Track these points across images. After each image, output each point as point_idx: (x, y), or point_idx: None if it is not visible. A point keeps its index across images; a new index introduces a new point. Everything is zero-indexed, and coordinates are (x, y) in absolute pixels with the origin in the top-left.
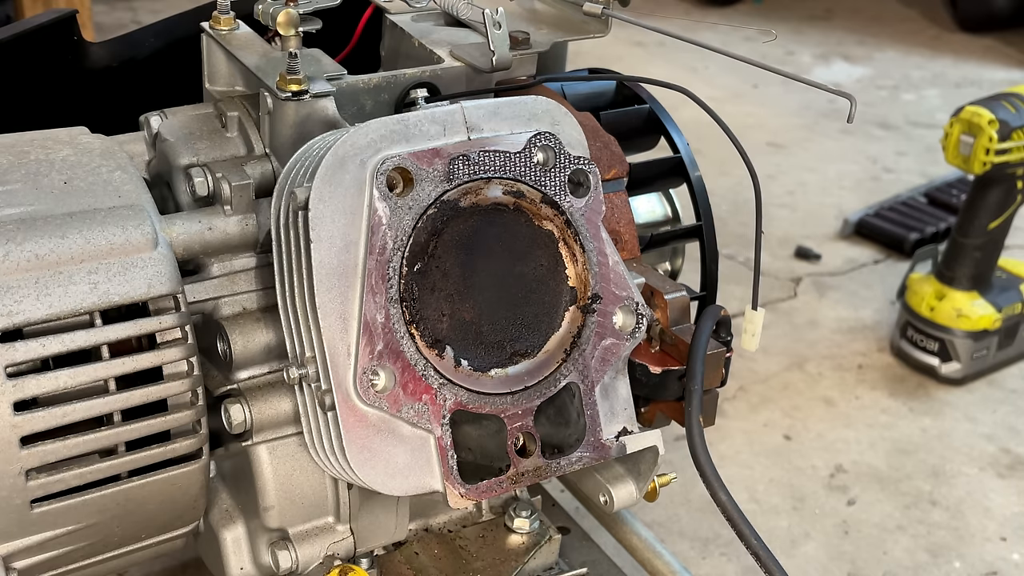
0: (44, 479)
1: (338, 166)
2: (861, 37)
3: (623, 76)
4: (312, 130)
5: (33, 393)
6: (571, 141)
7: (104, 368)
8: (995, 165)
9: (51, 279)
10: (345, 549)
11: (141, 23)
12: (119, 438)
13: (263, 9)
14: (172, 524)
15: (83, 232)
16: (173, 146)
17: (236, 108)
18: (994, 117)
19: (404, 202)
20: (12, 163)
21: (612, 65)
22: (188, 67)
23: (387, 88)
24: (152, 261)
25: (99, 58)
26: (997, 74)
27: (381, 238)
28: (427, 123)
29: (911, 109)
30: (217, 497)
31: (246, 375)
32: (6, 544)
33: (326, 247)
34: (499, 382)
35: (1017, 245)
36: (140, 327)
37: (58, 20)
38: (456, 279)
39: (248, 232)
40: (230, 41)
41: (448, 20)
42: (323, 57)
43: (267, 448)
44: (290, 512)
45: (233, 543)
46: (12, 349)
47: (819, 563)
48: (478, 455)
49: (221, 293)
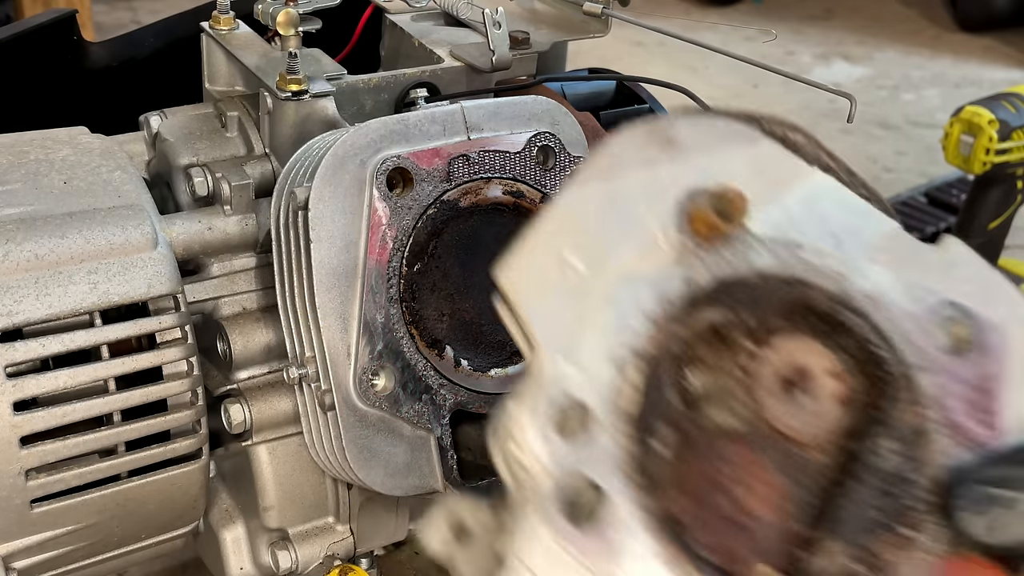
0: (44, 479)
1: (338, 166)
2: (861, 37)
3: (623, 76)
4: (312, 130)
5: (33, 393)
6: (571, 141)
7: (104, 368)
8: (995, 165)
9: (51, 279)
10: (345, 549)
11: (141, 23)
12: (119, 438)
13: (263, 9)
14: (172, 524)
15: (83, 232)
16: (173, 146)
17: (236, 108)
18: (994, 117)
19: (404, 202)
20: (12, 163)
21: (612, 65)
22: (188, 67)
23: (387, 88)
24: (152, 261)
25: (99, 58)
26: (997, 74)
27: (381, 238)
28: (427, 123)
29: (911, 109)
30: (217, 497)
31: (246, 375)
32: (6, 544)
33: (326, 247)
34: (499, 382)
35: (1017, 245)
36: (140, 327)
37: (58, 20)
38: (456, 279)
39: (248, 232)
40: (230, 41)
41: (448, 20)
42: (323, 57)
43: (267, 448)
44: (290, 512)
45: (233, 543)
46: (12, 349)
47: None
48: (478, 455)
49: (221, 293)
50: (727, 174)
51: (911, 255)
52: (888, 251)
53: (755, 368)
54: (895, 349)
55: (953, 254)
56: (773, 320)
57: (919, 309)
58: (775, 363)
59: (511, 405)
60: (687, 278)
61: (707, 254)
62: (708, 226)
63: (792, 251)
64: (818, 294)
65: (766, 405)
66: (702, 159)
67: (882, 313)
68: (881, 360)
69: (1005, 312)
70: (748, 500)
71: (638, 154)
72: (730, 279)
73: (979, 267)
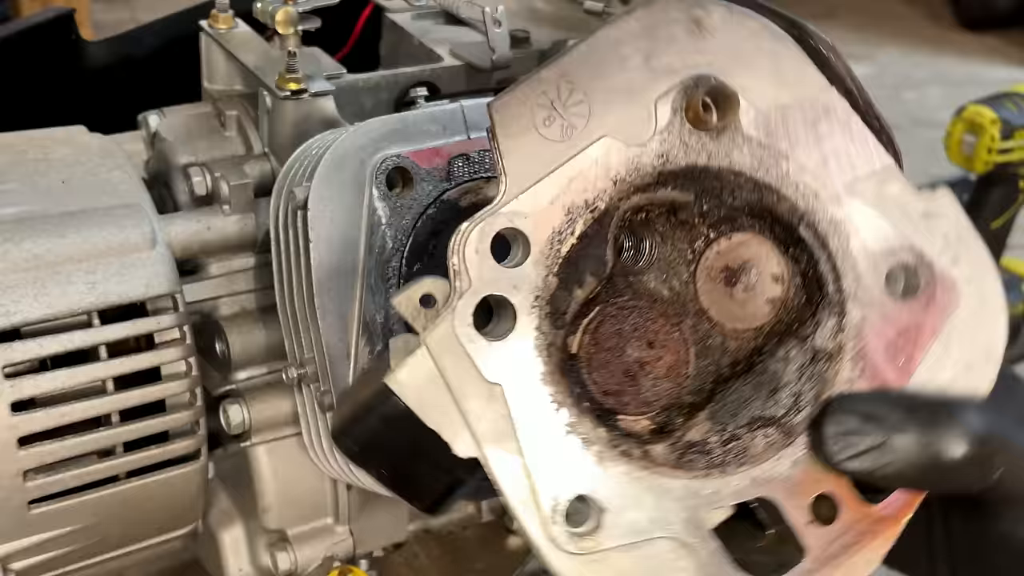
0: (42, 480)
1: (337, 165)
2: (863, 35)
3: None
4: (311, 129)
5: (31, 394)
6: None
7: (102, 368)
8: (998, 164)
9: (49, 279)
10: (344, 550)
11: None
12: (117, 439)
13: (262, 7)
14: (170, 525)
15: (81, 232)
16: (171, 145)
17: (235, 107)
18: (997, 116)
19: (404, 202)
20: (10, 162)
21: None
22: (187, 66)
23: (386, 87)
24: (150, 261)
25: (97, 57)
26: (1000, 73)
27: (380, 238)
28: (427, 122)
29: (913, 108)
30: (216, 498)
31: (245, 375)
32: (4, 545)
33: (325, 247)
34: None
35: (1020, 245)
36: (138, 327)
37: (56, 18)
38: None
39: (247, 232)
40: (229, 40)
41: (448, 19)
42: (322, 56)
43: (266, 449)
44: (289, 513)
45: (232, 544)
46: (10, 349)
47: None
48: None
49: (220, 293)
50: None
51: (895, 195)
52: (873, 185)
53: (705, 252)
54: (839, 277)
55: (938, 205)
56: (735, 216)
57: (879, 246)
58: (725, 253)
59: (470, 221)
60: (663, 153)
61: (692, 139)
62: (699, 115)
63: (776, 159)
64: (785, 206)
65: (703, 288)
66: (720, 51)
67: (840, 241)
68: (823, 283)
69: (967, 272)
70: (653, 360)
71: (664, 29)
72: (705, 168)
73: (959, 223)
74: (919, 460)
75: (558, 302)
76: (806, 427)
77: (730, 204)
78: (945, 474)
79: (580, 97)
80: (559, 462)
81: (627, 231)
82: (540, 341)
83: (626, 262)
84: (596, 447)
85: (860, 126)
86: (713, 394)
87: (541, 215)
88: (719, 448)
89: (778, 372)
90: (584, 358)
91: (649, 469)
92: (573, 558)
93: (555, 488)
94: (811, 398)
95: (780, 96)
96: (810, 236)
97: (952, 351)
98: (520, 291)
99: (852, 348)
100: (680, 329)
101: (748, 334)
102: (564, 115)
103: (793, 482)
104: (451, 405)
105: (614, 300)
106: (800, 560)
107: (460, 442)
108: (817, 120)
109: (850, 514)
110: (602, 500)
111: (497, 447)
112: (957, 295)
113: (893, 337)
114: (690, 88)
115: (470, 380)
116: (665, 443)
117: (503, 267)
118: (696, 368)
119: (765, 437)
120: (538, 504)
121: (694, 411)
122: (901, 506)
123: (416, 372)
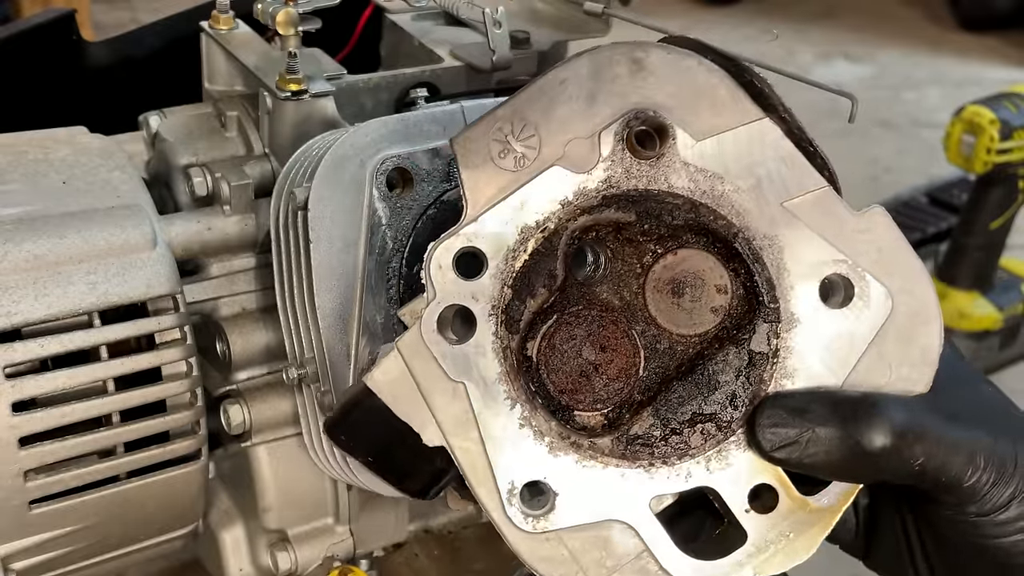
0: (43, 480)
1: (337, 166)
2: (862, 36)
3: None
4: (311, 130)
5: (32, 394)
6: None
7: (103, 369)
8: (996, 165)
9: (50, 279)
10: (344, 550)
11: (140, 22)
12: (118, 439)
13: (262, 8)
14: (171, 525)
15: (82, 232)
16: (172, 146)
17: (235, 108)
18: (995, 117)
19: (404, 202)
20: (10, 163)
21: None
22: (187, 67)
23: (387, 88)
24: (151, 261)
25: (98, 57)
26: (999, 73)
27: (381, 238)
28: (427, 123)
29: (912, 108)
30: (216, 498)
31: (245, 376)
32: (4, 545)
33: (325, 247)
34: None
35: (1019, 245)
36: (139, 327)
37: (56, 19)
38: None
39: (247, 232)
40: (229, 40)
41: (448, 19)
42: (323, 56)
43: (266, 449)
44: (289, 513)
45: (232, 544)
46: (11, 350)
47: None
48: None
49: (220, 293)
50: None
51: (828, 212)
52: (806, 204)
53: (653, 266)
54: (773, 288)
55: (870, 221)
56: (678, 233)
57: (812, 259)
58: (672, 266)
59: (436, 241)
60: (607, 179)
61: (633, 165)
62: (639, 145)
63: (711, 181)
64: (720, 224)
65: (652, 298)
66: (659, 87)
67: (774, 255)
68: (760, 294)
69: (899, 283)
70: (605, 362)
71: (608, 70)
72: (645, 191)
73: (891, 237)
74: (841, 451)
75: (513, 311)
76: (743, 423)
77: (670, 223)
78: (867, 464)
79: (531, 132)
80: (515, 451)
81: (590, 246)
82: (497, 345)
83: (589, 274)
84: (548, 438)
85: (792, 150)
86: (658, 392)
87: (497, 235)
88: (661, 441)
89: (717, 373)
90: (543, 360)
91: (597, 459)
92: (529, 536)
93: (511, 473)
94: (747, 397)
95: (716, 124)
96: (746, 250)
97: (887, 356)
98: (479, 301)
99: (786, 352)
100: (630, 335)
101: (694, 339)
102: (517, 148)
103: (732, 473)
104: (420, 400)
105: (570, 309)
106: (742, 544)
107: (428, 432)
108: (751, 146)
109: (788, 503)
110: (554, 485)
111: (460, 437)
112: (888, 304)
113: (827, 342)
114: (631, 121)
115: (436, 379)
116: (611, 436)
117: (463, 280)
118: (646, 370)
119: (704, 432)
120: (497, 487)
121: (640, 408)
122: (838, 497)
123: (390, 371)
